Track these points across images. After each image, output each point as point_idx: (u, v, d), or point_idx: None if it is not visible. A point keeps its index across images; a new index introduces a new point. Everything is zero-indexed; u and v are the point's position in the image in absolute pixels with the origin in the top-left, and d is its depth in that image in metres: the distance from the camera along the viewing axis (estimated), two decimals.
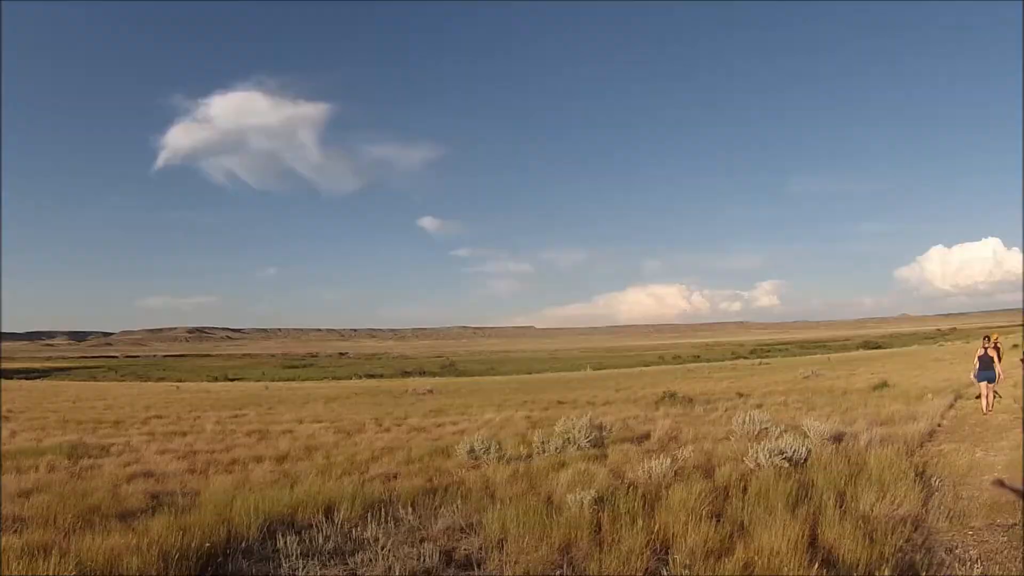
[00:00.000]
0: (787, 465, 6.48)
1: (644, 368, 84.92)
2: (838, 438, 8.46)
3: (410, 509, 5.55)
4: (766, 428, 9.20)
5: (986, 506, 5.48)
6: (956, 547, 4.62)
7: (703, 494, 5.32)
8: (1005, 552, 4.48)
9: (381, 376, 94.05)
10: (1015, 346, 30.96)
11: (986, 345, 12.66)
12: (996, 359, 12.41)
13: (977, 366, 12.62)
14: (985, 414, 11.85)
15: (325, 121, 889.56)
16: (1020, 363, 21.26)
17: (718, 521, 4.78)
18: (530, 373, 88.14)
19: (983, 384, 12.40)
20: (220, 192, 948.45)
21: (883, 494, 5.29)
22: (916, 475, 6.20)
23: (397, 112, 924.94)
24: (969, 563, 4.27)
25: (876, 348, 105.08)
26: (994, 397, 12.62)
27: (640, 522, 4.66)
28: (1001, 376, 15.18)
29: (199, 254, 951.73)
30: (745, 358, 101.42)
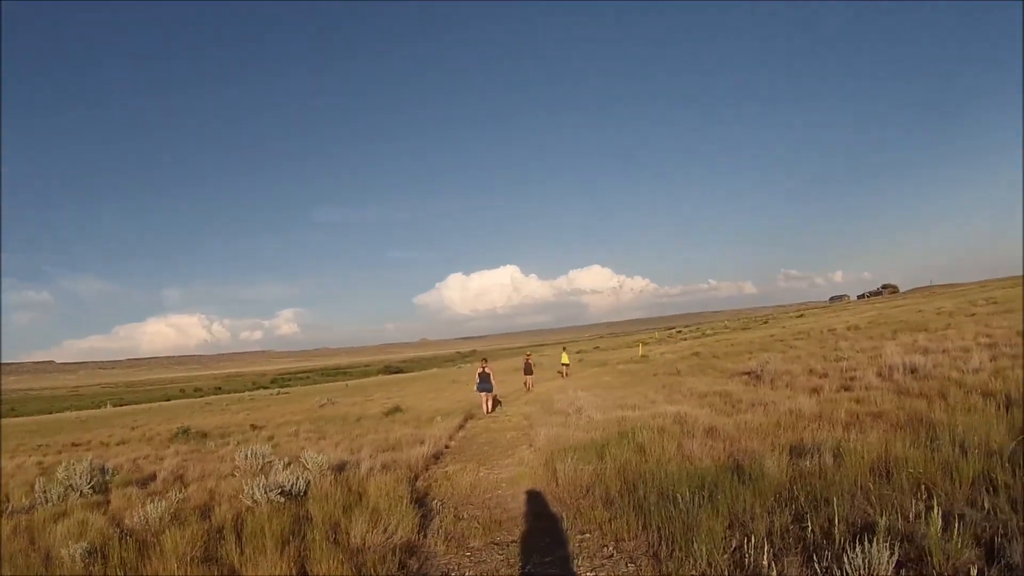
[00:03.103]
0: (283, 500, 6.28)
1: (165, 403, 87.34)
2: (341, 468, 8.43)
3: None
4: (270, 462, 9.09)
5: (485, 525, 5.56)
6: (452, 570, 4.64)
7: (197, 537, 5.21)
8: (502, 571, 4.51)
9: None
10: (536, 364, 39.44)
11: (483, 365, 17.31)
12: (492, 375, 17.02)
13: (478, 380, 17.02)
14: (487, 414, 15.58)
15: None
16: (559, 374, 27.65)
17: (210, 565, 4.67)
18: (51, 413, 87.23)
19: (483, 394, 16.82)
20: None
21: (376, 522, 5.21)
22: (416, 500, 6.23)
23: None
24: None
25: (397, 373, 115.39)
26: (494, 403, 16.98)
27: (128, 573, 4.64)
28: (531, 385, 22.52)
29: None
30: (266, 388, 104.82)
